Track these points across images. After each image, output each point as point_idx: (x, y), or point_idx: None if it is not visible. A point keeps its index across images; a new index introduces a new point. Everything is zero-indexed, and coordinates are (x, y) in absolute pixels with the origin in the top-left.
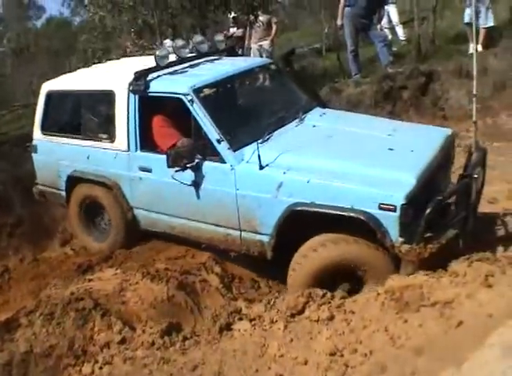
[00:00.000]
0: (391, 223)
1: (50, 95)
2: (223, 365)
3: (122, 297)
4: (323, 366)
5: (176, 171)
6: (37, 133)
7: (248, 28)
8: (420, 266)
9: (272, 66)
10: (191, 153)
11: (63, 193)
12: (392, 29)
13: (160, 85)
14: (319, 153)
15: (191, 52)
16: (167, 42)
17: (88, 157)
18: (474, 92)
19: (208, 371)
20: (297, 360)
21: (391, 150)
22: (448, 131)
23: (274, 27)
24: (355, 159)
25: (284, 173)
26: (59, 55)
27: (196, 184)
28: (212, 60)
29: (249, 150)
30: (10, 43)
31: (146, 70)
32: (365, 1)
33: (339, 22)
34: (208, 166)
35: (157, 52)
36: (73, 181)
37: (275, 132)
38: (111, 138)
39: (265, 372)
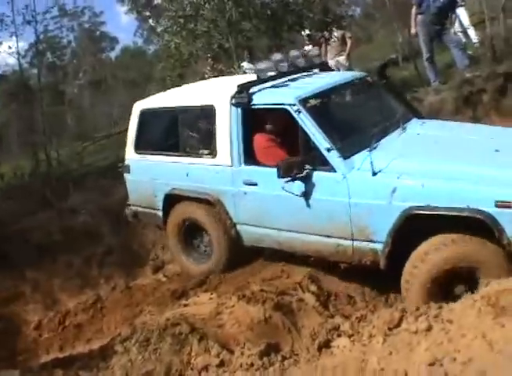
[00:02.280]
0: (507, 220)
1: (144, 114)
2: None
3: (218, 320)
4: None
5: (286, 182)
6: (130, 153)
7: (324, 45)
8: None
9: (368, 79)
10: (301, 163)
11: (159, 213)
12: (464, 32)
13: (265, 97)
14: (428, 157)
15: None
16: (245, 65)
17: (187, 175)
18: None
19: None
20: (398, 373)
21: (497, 151)
22: None
23: (349, 42)
24: (465, 161)
25: (398, 178)
26: (136, 84)
27: (306, 195)
28: (309, 74)
29: (358, 158)
30: (86, 76)
31: (247, 83)
32: (437, 8)
33: (413, 31)
34: (318, 176)
35: (258, 66)
36: (171, 200)
37: (382, 141)
38: (212, 153)
39: None
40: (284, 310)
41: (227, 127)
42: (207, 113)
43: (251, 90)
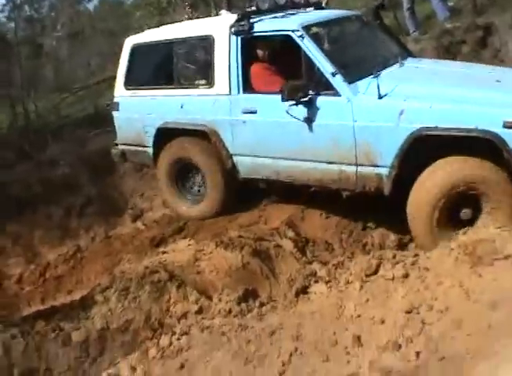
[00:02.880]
0: None
1: (135, 49)
2: (301, 328)
3: (197, 267)
4: (400, 324)
5: (290, 105)
6: (119, 90)
7: None
8: None
9: (363, 18)
10: (305, 87)
11: (150, 150)
12: None
13: (266, 25)
14: (433, 83)
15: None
16: (223, 12)
17: (181, 107)
18: None
19: (286, 335)
20: (374, 320)
21: (498, 81)
22: None
23: None
24: (471, 86)
25: (405, 100)
26: (114, 35)
27: (309, 120)
28: (306, 11)
29: (362, 84)
30: (64, 28)
31: (247, 12)
32: None
33: None
34: (322, 100)
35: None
36: (164, 135)
37: (382, 71)
38: (210, 83)
39: (343, 333)
40: (262, 256)
41: (226, 56)
42: (204, 44)
43: (251, 19)
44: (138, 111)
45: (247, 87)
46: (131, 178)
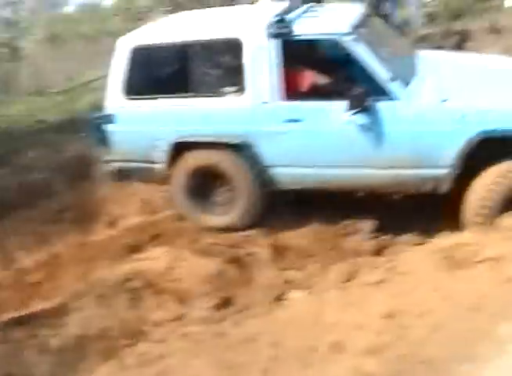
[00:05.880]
0: None
1: (138, 52)
2: (279, 335)
3: (173, 274)
4: (379, 329)
5: (352, 114)
6: (115, 100)
7: None
8: None
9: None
10: (366, 95)
11: (158, 166)
12: None
13: (311, 27)
14: (477, 81)
15: None
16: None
17: (204, 118)
18: None
19: (265, 342)
20: (353, 326)
21: None
22: None
23: None
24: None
25: (466, 104)
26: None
27: (368, 127)
28: (314, 8)
29: (416, 87)
30: (42, 31)
31: (284, 11)
32: None
33: None
34: (381, 106)
35: None
36: (181, 148)
37: (420, 70)
38: (240, 91)
39: (322, 339)
40: (238, 263)
41: (262, 60)
42: (231, 47)
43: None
44: (145, 124)
45: (288, 94)
46: (107, 185)
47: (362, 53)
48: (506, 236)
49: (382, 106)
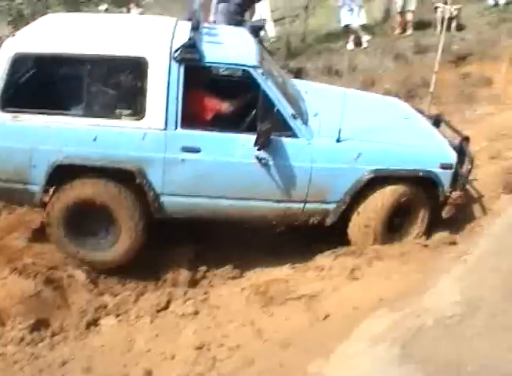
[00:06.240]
0: (447, 178)
1: (21, 61)
2: (91, 361)
3: None
4: (191, 360)
5: (258, 149)
6: None
7: None
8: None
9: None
10: (271, 131)
11: (35, 188)
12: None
13: (219, 55)
14: (375, 125)
15: None
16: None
17: (94, 139)
18: None
19: (77, 367)
20: (165, 355)
21: (406, 119)
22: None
23: None
24: (402, 131)
25: (361, 144)
26: None
27: (266, 161)
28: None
29: (313, 124)
30: None
31: (192, 35)
32: None
33: (212, 18)
34: (281, 142)
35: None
36: (63, 171)
37: (312, 107)
38: (138, 114)
39: (133, 367)
40: (55, 285)
41: (163, 85)
42: (133, 66)
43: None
44: (23, 140)
45: (188, 122)
46: None
47: (269, 88)
48: (320, 275)
49: (284, 141)
